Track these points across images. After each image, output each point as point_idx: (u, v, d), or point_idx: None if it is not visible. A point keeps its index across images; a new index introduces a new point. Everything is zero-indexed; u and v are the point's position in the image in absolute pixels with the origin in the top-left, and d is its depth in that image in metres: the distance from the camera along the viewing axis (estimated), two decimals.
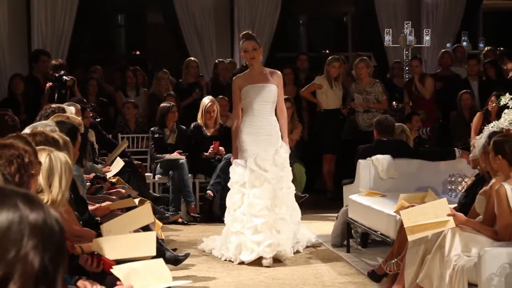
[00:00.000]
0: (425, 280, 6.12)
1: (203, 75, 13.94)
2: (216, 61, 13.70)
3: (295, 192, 9.00)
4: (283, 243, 8.31)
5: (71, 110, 7.84)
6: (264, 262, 8.14)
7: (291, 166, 9.00)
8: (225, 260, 8.40)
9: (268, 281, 7.63)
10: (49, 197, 4.19)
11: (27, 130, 5.83)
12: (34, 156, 3.70)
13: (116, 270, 4.61)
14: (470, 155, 7.22)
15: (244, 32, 9.10)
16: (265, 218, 8.32)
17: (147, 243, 5.09)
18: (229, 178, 11.12)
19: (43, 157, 4.15)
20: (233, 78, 9.16)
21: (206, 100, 11.53)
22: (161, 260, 4.96)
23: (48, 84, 10.88)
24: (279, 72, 8.89)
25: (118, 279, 4.43)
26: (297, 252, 8.69)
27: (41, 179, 4.09)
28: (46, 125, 6.66)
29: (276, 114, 8.70)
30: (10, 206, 1.88)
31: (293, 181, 8.92)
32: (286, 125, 8.90)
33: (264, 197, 8.36)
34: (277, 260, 8.26)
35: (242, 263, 8.24)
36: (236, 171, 8.66)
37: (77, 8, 14.05)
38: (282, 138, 8.68)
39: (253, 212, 8.37)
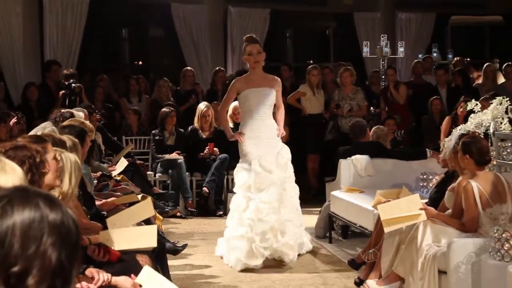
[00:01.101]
0: (399, 267, 6.14)
1: (199, 82, 13.94)
2: (217, 68, 13.66)
3: None
4: (288, 246, 7.72)
5: (80, 115, 7.84)
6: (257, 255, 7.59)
7: None
8: (230, 266, 7.69)
9: (257, 269, 7.62)
10: (60, 193, 4.18)
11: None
12: (48, 151, 3.70)
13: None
14: (441, 155, 7.22)
15: (248, 36, 8.31)
16: (272, 223, 7.65)
17: (149, 235, 5.09)
18: (223, 175, 11.21)
19: None
20: (233, 80, 8.41)
21: (202, 105, 11.54)
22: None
23: (61, 92, 10.89)
24: (278, 79, 8.28)
25: (123, 269, 4.42)
26: (299, 254, 8.01)
27: None
28: (44, 128, 6.66)
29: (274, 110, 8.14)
30: (32, 205, 1.88)
31: None
32: (283, 118, 8.21)
33: (271, 200, 7.69)
34: (281, 263, 7.71)
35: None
36: (240, 176, 8.00)
37: (86, 23, 14.03)
38: (278, 125, 8.05)
39: (261, 216, 7.66)
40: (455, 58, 15.14)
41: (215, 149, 11.16)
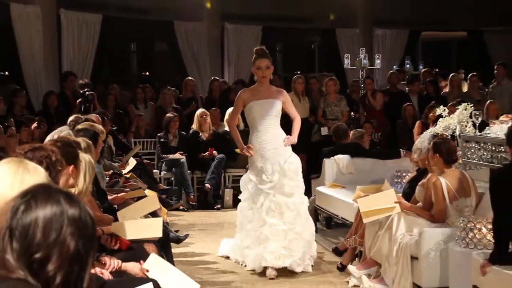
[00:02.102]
0: (376, 254, 6.15)
1: (199, 91, 13.99)
2: (212, 78, 13.72)
3: None
4: (295, 257, 6.90)
5: (92, 119, 7.83)
6: (269, 273, 6.82)
7: None
8: (247, 269, 7.07)
9: None
10: (76, 189, 4.18)
11: (49, 137, 5.81)
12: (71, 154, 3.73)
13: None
14: (415, 155, 7.18)
15: (258, 48, 7.52)
16: (277, 232, 6.95)
17: (155, 226, 5.09)
18: (221, 173, 11.21)
19: None
20: (240, 91, 7.64)
21: (199, 111, 11.65)
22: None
23: (78, 100, 10.89)
24: (284, 91, 7.48)
25: (132, 256, 4.42)
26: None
27: None
28: (61, 131, 6.64)
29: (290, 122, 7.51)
30: (54, 201, 1.90)
31: None
32: (298, 127, 7.48)
33: (275, 211, 6.98)
34: (288, 272, 6.91)
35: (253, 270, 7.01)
36: (248, 188, 7.27)
37: (98, 38, 14.05)
38: (292, 134, 7.35)
39: (265, 225, 6.99)
40: (424, 69, 15.19)
41: (214, 152, 11.22)
